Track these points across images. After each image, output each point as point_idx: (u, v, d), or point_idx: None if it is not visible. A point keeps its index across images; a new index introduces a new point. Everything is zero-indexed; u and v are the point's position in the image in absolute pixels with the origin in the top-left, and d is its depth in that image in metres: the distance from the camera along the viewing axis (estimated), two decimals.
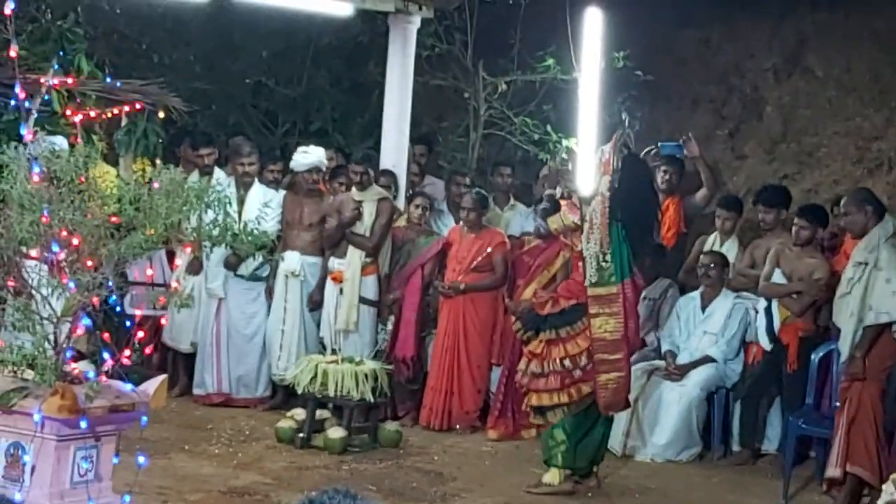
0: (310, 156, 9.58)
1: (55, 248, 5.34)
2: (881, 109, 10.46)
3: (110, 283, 5.42)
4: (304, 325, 9.58)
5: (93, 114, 7.98)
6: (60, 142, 7.21)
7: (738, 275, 9.10)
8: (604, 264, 7.34)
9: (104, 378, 5.40)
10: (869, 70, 10.64)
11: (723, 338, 8.95)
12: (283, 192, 9.73)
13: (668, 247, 9.71)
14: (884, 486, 5.93)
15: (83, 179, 5.51)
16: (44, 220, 5.36)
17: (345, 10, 10.35)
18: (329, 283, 9.49)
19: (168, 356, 9.92)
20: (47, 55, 9.20)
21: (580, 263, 7.46)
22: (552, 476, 7.67)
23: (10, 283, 5.51)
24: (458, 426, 9.25)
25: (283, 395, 9.49)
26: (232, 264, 9.51)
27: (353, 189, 9.54)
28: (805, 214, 8.69)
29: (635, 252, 7.49)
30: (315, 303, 9.57)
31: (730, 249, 9.35)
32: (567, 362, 7.49)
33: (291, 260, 9.52)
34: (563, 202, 7.85)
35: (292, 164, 9.69)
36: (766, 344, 8.59)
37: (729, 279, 9.16)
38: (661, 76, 11.12)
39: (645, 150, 9.85)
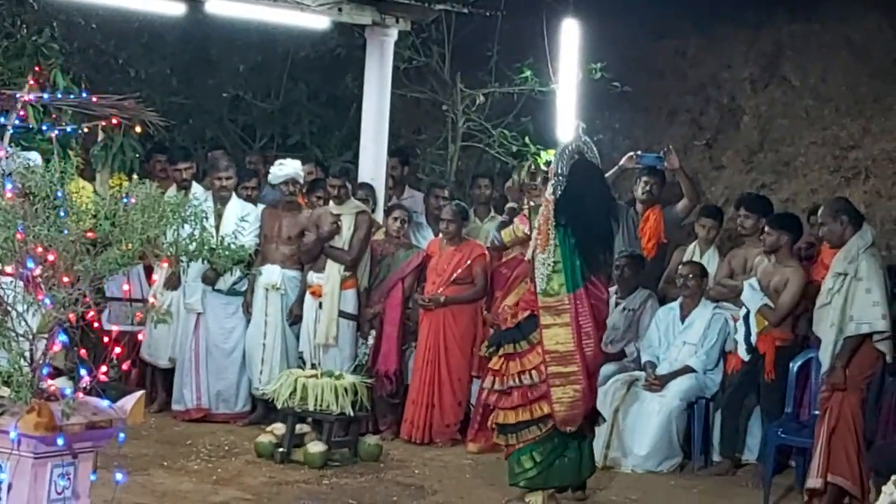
0: (286, 167, 9.56)
1: (30, 265, 5.30)
2: (857, 119, 10.51)
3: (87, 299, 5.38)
4: (285, 339, 9.54)
5: (69, 129, 7.95)
6: (35, 157, 7.17)
7: (718, 284, 9.12)
8: (552, 274, 7.25)
9: (81, 395, 5.36)
10: (845, 80, 10.69)
11: (702, 348, 8.95)
12: (261, 206, 9.70)
13: (649, 257, 9.72)
14: (884, 488, 5.90)
15: (58, 195, 5.47)
16: (18, 236, 5.32)
17: (322, 24, 10.35)
18: (308, 298, 9.46)
19: (147, 372, 9.87)
20: (23, 70, 9.18)
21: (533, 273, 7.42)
22: (535, 497, 7.56)
23: None
24: (438, 440, 9.23)
25: (262, 410, 9.46)
26: (210, 279, 9.48)
27: (331, 203, 9.53)
28: (770, 221, 8.70)
29: (590, 261, 7.36)
30: (295, 317, 9.54)
31: (710, 260, 9.37)
32: (525, 377, 7.40)
33: (272, 273, 9.49)
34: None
35: (269, 178, 9.67)
36: (743, 354, 8.59)
37: (708, 289, 9.17)
38: (638, 87, 11.16)
39: (626, 156, 9.87)
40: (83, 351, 5.46)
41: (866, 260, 7.49)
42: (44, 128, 8.26)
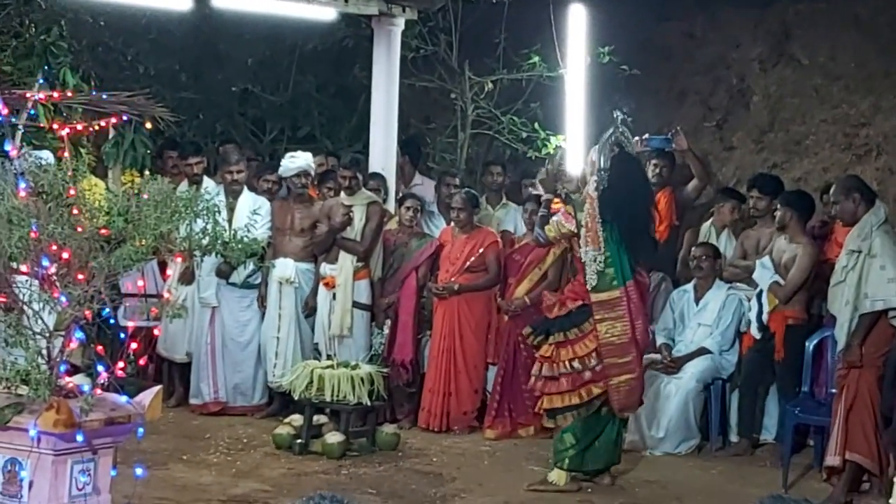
0: (297, 160, 9.57)
1: (45, 263, 5.33)
2: (867, 96, 10.47)
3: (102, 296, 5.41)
4: (299, 331, 9.56)
5: (80, 127, 7.98)
6: (47, 156, 7.19)
7: (730, 265, 9.10)
8: (603, 269, 7.33)
9: (99, 391, 5.39)
10: (854, 57, 10.65)
11: (717, 329, 8.95)
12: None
13: (661, 240, 9.70)
14: None
15: (71, 193, 5.50)
16: (32, 234, 5.34)
17: (328, 15, 10.35)
18: (321, 289, 9.48)
19: (163, 367, 9.90)
20: (32, 70, 9.20)
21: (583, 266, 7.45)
22: (557, 476, 7.64)
23: (1, 299, 5.49)
24: (455, 427, 9.25)
25: (279, 402, 9.48)
26: (224, 273, 9.49)
27: (342, 194, 9.53)
28: (780, 198, 8.69)
29: (634, 252, 7.45)
30: (310, 308, 9.56)
31: (725, 241, 9.36)
32: (576, 363, 7.48)
33: (285, 267, 9.50)
34: (556, 206, 7.81)
35: (280, 170, 9.68)
36: (755, 332, 8.60)
37: (723, 270, 9.17)
38: (646, 70, 11.13)
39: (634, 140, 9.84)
40: (100, 347, 5.49)
41: (880, 237, 7.49)
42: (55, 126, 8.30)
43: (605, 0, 10.36)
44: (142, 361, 5.86)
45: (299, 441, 8.40)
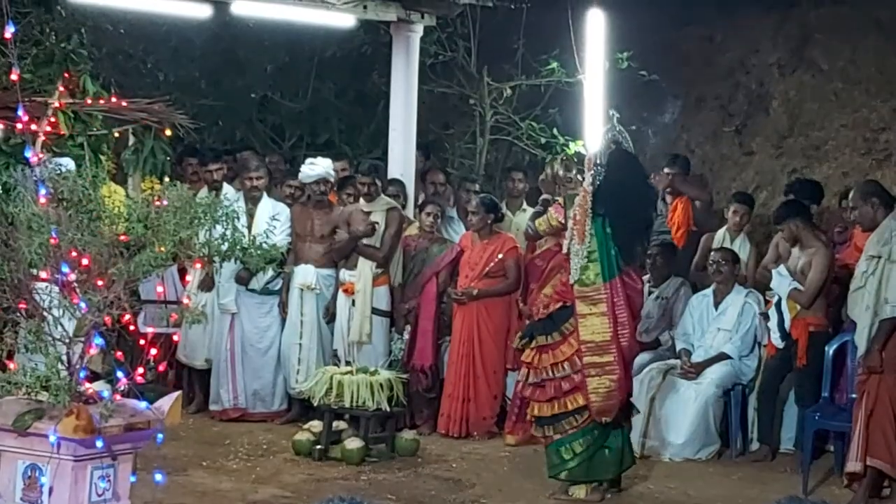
0: (317, 167, 9.58)
1: (65, 269, 5.36)
2: (888, 100, 10.44)
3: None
4: (321, 338, 9.57)
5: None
6: (67, 163, 7.23)
7: (763, 269, 9.05)
8: (587, 263, 7.26)
9: (119, 397, 5.41)
10: (874, 61, 10.62)
11: (737, 334, 8.93)
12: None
13: (679, 246, 9.70)
14: None
15: (91, 199, 5.53)
16: (52, 241, 5.37)
17: (347, 22, 10.38)
18: (341, 295, 9.49)
19: (183, 373, 9.93)
20: (52, 77, 9.22)
21: (568, 264, 7.42)
22: (579, 490, 7.59)
23: (22, 306, 5.52)
24: (475, 433, 9.24)
25: (299, 408, 9.49)
26: (243, 279, 9.51)
27: (362, 200, 9.55)
28: (776, 218, 8.72)
29: (626, 250, 7.38)
30: (331, 315, 9.56)
31: (740, 246, 9.34)
32: (557, 370, 7.40)
33: (306, 273, 9.52)
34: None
35: (300, 177, 9.70)
36: (777, 341, 8.55)
37: (742, 274, 9.15)
38: (665, 75, 11.13)
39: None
40: (119, 353, 5.52)
41: None
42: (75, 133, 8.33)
43: (623, 5, 10.36)
44: (161, 367, 5.91)
45: (319, 447, 8.41)
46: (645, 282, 8.47)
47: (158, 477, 5.46)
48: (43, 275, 5.50)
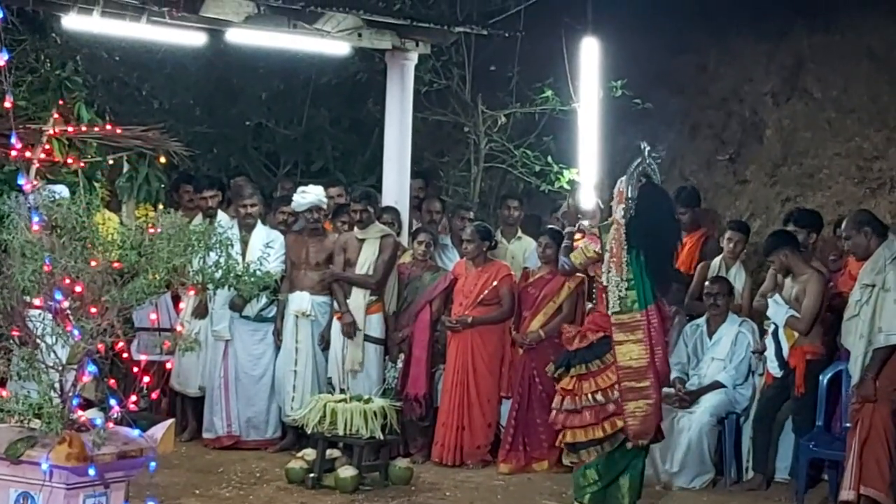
0: (308, 195, 9.58)
1: (58, 296, 5.35)
2: (881, 129, 10.47)
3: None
4: (316, 365, 9.55)
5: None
6: (61, 190, 7.23)
7: (762, 297, 9.05)
8: (625, 293, 7.33)
9: (111, 424, 5.39)
10: (867, 90, 10.66)
11: (731, 363, 8.93)
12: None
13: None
14: None
15: (84, 227, 5.52)
16: (46, 268, 5.36)
17: (342, 49, 10.40)
18: (335, 323, 9.48)
19: (176, 401, 9.90)
20: (47, 104, 9.25)
21: (604, 295, 7.45)
22: None
23: (15, 333, 5.51)
24: (469, 461, 9.22)
25: (292, 436, 9.47)
26: (237, 306, 9.51)
27: (356, 228, 9.55)
28: (765, 251, 8.71)
29: (657, 279, 7.46)
30: (326, 342, 9.55)
31: (736, 275, 9.35)
32: (599, 396, 7.43)
33: (301, 300, 9.51)
34: (577, 241, 7.81)
35: (292, 205, 9.70)
36: (775, 370, 8.54)
37: (737, 304, 9.15)
38: (659, 103, 11.16)
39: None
40: (112, 381, 5.50)
41: (893, 270, 7.47)
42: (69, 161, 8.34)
43: (618, 33, 10.40)
44: (154, 395, 5.87)
45: (312, 475, 8.39)
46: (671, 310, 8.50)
47: None
48: (36, 302, 5.49)
